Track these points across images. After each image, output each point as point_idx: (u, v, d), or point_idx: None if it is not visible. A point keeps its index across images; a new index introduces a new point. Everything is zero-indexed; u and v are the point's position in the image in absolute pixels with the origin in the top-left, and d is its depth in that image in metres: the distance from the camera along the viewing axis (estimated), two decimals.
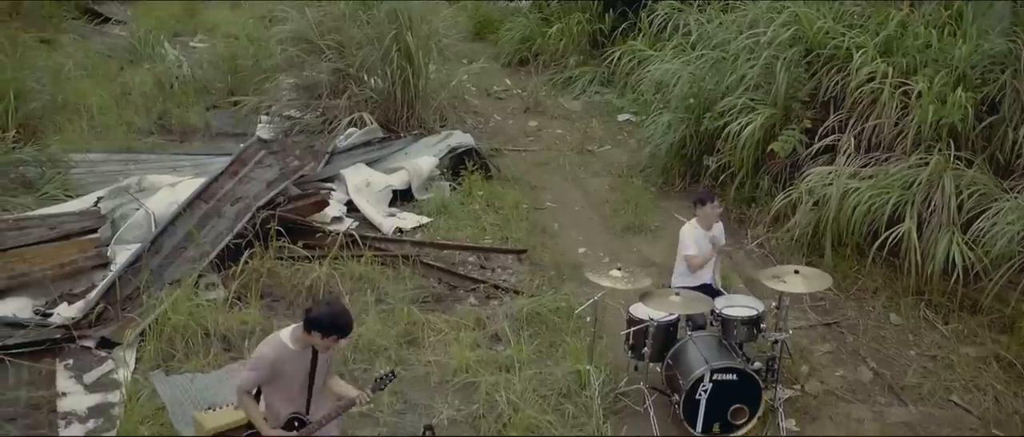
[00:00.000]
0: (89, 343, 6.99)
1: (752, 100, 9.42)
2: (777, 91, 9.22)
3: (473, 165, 10.19)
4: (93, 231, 8.38)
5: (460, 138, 10.65)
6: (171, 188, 8.78)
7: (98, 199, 8.88)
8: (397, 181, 9.84)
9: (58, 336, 7.00)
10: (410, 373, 6.74)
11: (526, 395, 6.36)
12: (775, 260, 8.47)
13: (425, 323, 7.30)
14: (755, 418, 6.20)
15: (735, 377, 6.09)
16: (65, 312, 7.30)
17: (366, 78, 11.34)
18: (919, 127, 8.16)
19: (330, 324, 4.64)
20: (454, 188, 10.04)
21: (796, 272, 6.34)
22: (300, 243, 8.22)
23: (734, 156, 9.38)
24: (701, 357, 6.18)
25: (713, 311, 6.46)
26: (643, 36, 12.33)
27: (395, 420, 6.29)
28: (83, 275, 7.87)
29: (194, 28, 16.15)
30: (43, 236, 8.18)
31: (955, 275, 7.38)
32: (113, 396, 6.48)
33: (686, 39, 11.00)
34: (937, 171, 7.85)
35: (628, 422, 6.29)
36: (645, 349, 6.35)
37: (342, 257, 8.08)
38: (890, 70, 8.52)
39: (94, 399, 6.47)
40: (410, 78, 11.01)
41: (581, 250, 9.03)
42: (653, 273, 7.51)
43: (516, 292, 7.95)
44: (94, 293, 7.40)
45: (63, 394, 6.49)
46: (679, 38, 11.17)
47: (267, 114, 11.79)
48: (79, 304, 7.37)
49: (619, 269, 6.54)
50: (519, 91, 13.71)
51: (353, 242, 8.34)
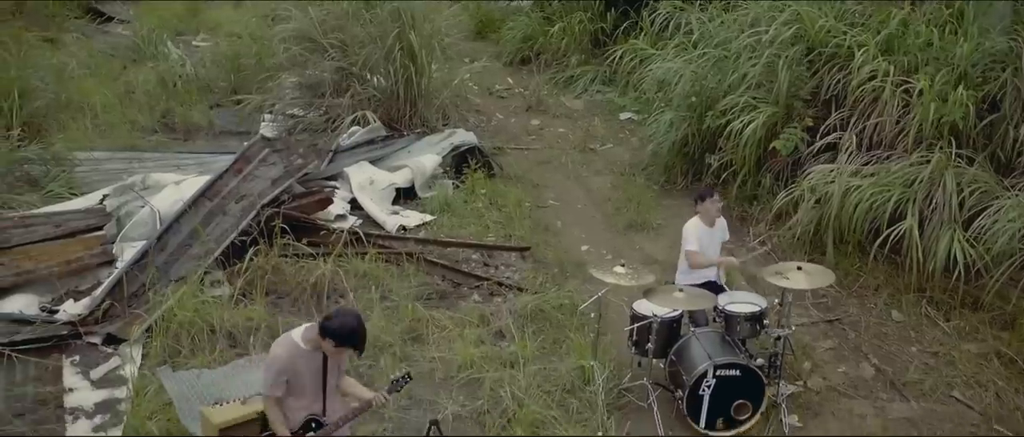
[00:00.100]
0: (95, 339, 7.03)
1: (754, 98, 9.45)
2: (779, 89, 9.25)
3: (476, 163, 10.21)
4: (98, 229, 8.42)
5: (463, 136, 10.67)
6: (176, 186, 8.80)
7: (103, 197, 8.91)
8: (400, 179, 9.86)
9: (65, 332, 7.05)
10: (415, 369, 6.70)
11: (530, 391, 6.40)
12: (777, 258, 8.51)
13: (429, 320, 7.34)
14: (758, 414, 6.26)
15: (738, 373, 6.13)
16: (71, 309, 7.34)
17: (369, 77, 11.32)
18: (920, 125, 8.19)
19: (346, 337, 4.68)
20: (457, 186, 10.06)
21: (799, 268, 6.38)
22: (304, 240, 8.25)
23: (736, 154, 9.41)
24: (704, 353, 6.22)
25: (716, 307, 6.50)
26: (645, 35, 12.34)
27: (400, 416, 6.33)
28: (89, 272, 7.91)
29: (196, 27, 16.12)
30: (48, 234, 8.23)
31: (956, 272, 7.43)
32: (120, 392, 6.52)
33: (688, 38, 11.02)
34: (938, 169, 7.88)
35: (632, 418, 6.33)
36: (649, 345, 6.39)
37: (346, 254, 8.11)
38: (891, 68, 8.55)
39: (101, 395, 6.51)
40: (413, 77, 11.00)
41: (584, 248, 9.06)
42: (656, 270, 7.56)
43: (519, 289, 7.99)
44: (100, 290, 7.45)
45: (70, 390, 6.54)
46: (681, 37, 11.19)
47: (270, 113, 11.77)
48: (85, 301, 7.42)
49: (623, 266, 6.58)
50: (521, 90, 13.71)
51: (357, 239, 8.36)
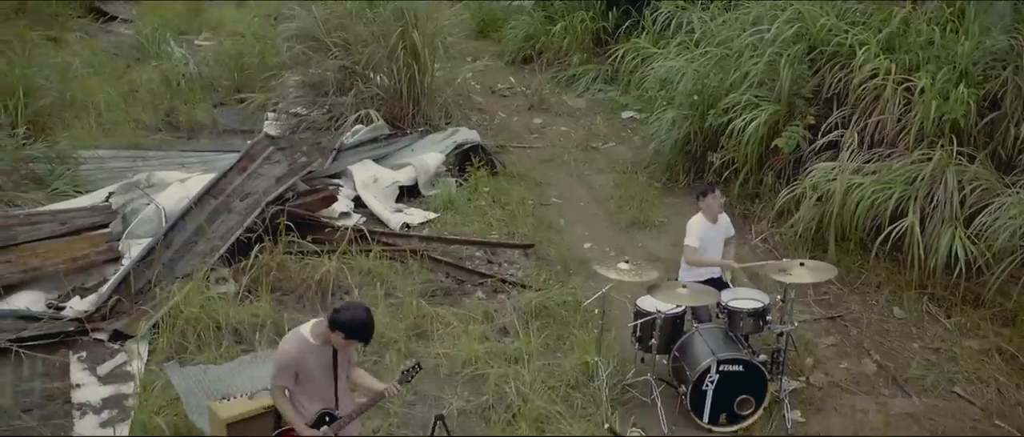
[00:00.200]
0: (102, 336, 7.07)
1: (756, 97, 9.49)
2: (781, 88, 9.29)
3: (479, 161, 10.25)
4: (104, 226, 8.45)
5: (466, 134, 10.70)
6: (181, 184, 8.84)
7: (109, 194, 8.96)
8: (404, 177, 9.91)
9: (71, 329, 7.09)
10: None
11: (535, 386, 6.45)
12: (779, 255, 8.56)
13: (434, 316, 7.39)
14: (761, 409, 6.30)
15: (741, 368, 6.17)
16: (77, 305, 7.39)
17: (372, 75, 11.35)
18: (922, 123, 8.23)
19: (354, 328, 4.73)
20: (460, 184, 10.10)
21: (801, 264, 6.42)
22: (309, 238, 8.29)
23: (738, 152, 9.45)
24: (708, 349, 6.26)
25: (719, 303, 6.55)
26: (646, 34, 12.38)
27: (405, 411, 6.37)
28: (95, 269, 7.95)
29: (199, 26, 16.17)
30: (54, 231, 8.25)
31: (957, 269, 7.47)
32: (127, 387, 6.57)
33: (690, 37, 11.07)
34: (940, 166, 7.92)
35: (635, 413, 6.37)
36: (652, 341, 6.44)
37: (351, 252, 8.15)
38: (893, 67, 8.58)
39: (108, 390, 6.55)
40: (416, 75, 11.05)
41: (587, 245, 9.10)
42: (659, 268, 7.57)
43: (523, 286, 8.03)
44: (106, 287, 7.49)
45: (77, 385, 6.58)
46: (683, 36, 11.25)
47: (273, 111, 11.82)
48: (91, 298, 7.46)
49: (626, 262, 6.62)
50: (523, 89, 13.75)
51: (361, 237, 8.40)
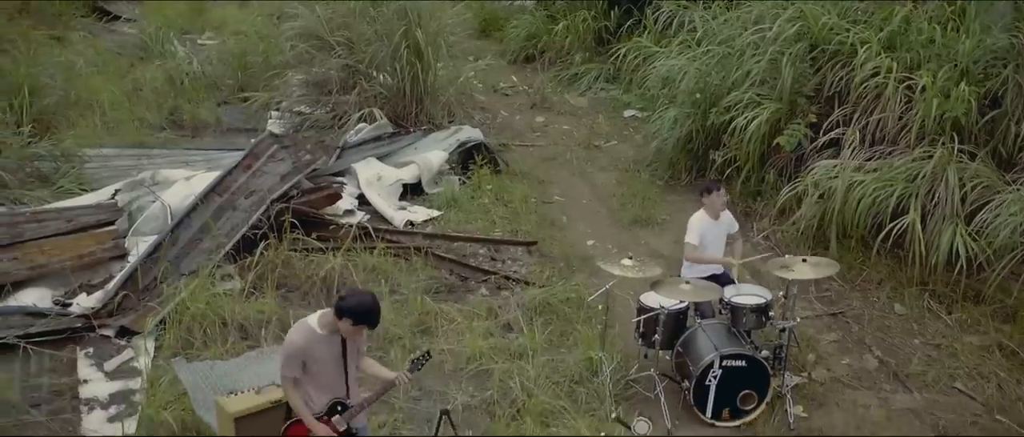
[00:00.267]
0: (108, 332, 7.12)
1: (758, 95, 9.54)
2: (783, 86, 9.34)
3: (482, 159, 10.29)
4: (109, 224, 8.50)
5: (469, 133, 10.74)
6: (186, 181, 8.90)
7: (115, 192, 9.01)
8: (407, 175, 9.95)
9: (78, 325, 7.14)
10: (421, 369, 6.82)
11: (539, 381, 6.49)
12: (781, 252, 8.59)
13: (438, 313, 7.43)
14: (764, 404, 6.35)
15: (744, 363, 6.22)
16: (84, 302, 7.44)
17: (375, 74, 11.41)
18: (923, 121, 8.27)
19: (361, 313, 4.73)
20: (463, 182, 10.15)
21: (804, 261, 6.46)
22: (314, 235, 8.34)
23: (740, 150, 9.50)
24: (711, 344, 6.31)
25: (722, 299, 6.59)
26: (648, 33, 12.42)
27: (410, 406, 6.41)
28: (101, 266, 8.01)
29: (202, 26, 16.23)
30: (60, 229, 8.32)
31: (958, 266, 7.52)
32: (134, 383, 6.62)
33: (692, 36, 11.12)
34: (941, 164, 7.96)
35: (639, 408, 6.40)
36: (655, 337, 6.46)
37: (355, 249, 8.20)
38: (894, 65, 8.62)
39: (115, 386, 6.61)
40: (419, 74, 11.10)
41: (589, 242, 9.15)
42: (661, 264, 7.59)
43: (526, 283, 8.07)
44: (113, 283, 7.55)
45: (84, 381, 6.64)
46: (684, 35, 11.30)
47: (277, 110, 11.87)
48: (98, 294, 7.51)
49: (630, 258, 6.67)
50: (525, 88, 13.81)
51: (366, 234, 8.45)
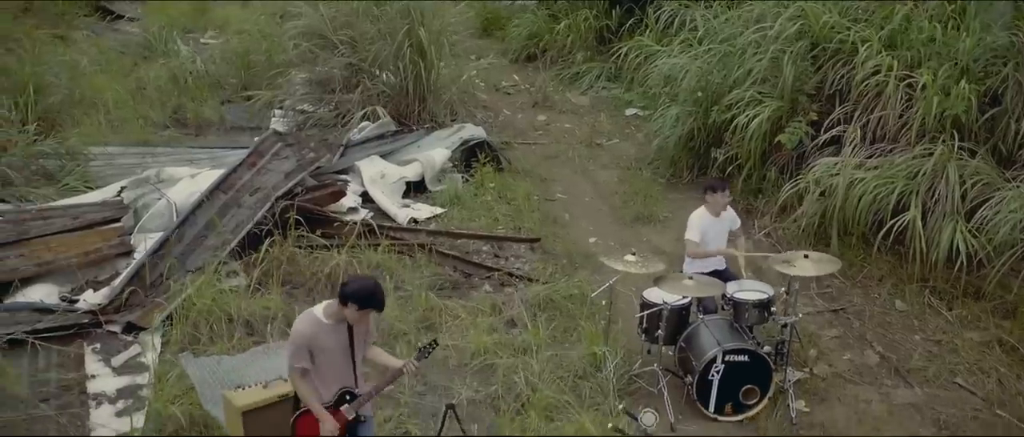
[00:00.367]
0: (115, 328, 7.18)
1: (759, 93, 9.59)
2: (784, 84, 9.39)
3: (485, 157, 10.34)
4: (115, 221, 8.56)
5: (472, 131, 10.78)
6: (191, 179, 8.95)
7: (121, 189, 9.07)
8: (411, 173, 10.00)
9: (85, 321, 7.20)
10: (430, 357, 6.81)
11: (543, 376, 6.54)
12: (782, 249, 8.62)
13: (442, 309, 7.48)
14: (766, 398, 6.40)
15: (747, 358, 6.28)
16: (91, 298, 7.49)
17: (378, 73, 11.45)
18: (923, 119, 8.32)
19: (365, 297, 4.76)
20: (466, 180, 10.19)
21: (805, 256, 6.52)
22: (318, 232, 8.39)
23: (741, 148, 9.55)
24: (713, 339, 6.37)
25: (725, 295, 6.65)
26: (650, 32, 12.47)
27: (416, 401, 6.46)
28: (107, 263, 8.07)
29: (204, 25, 16.28)
30: (66, 226, 8.38)
31: (959, 262, 7.57)
32: (141, 378, 6.67)
33: (693, 34, 11.18)
34: (941, 161, 8.01)
35: (643, 402, 6.44)
36: (659, 332, 6.52)
37: (359, 245, 8.25)
38: (895, 63, 8.68)
39: (123, 381, 6.66)
40: (422, 73, 11.15)
41: (592, 239, 9.20)
42: (664, 261, 7.65)
43: (530, 279, 8.12)
44: (119, 280, 7.59)
45: (92, 376, 6.69)
46: (686, 33, 11.36)
47: (280, 108, 11.92)
48: (104, 291, 7.56)
49: (633, 254, 6.73)
50: (527, 86, 13.86)
51: (370, 231, 8.50)
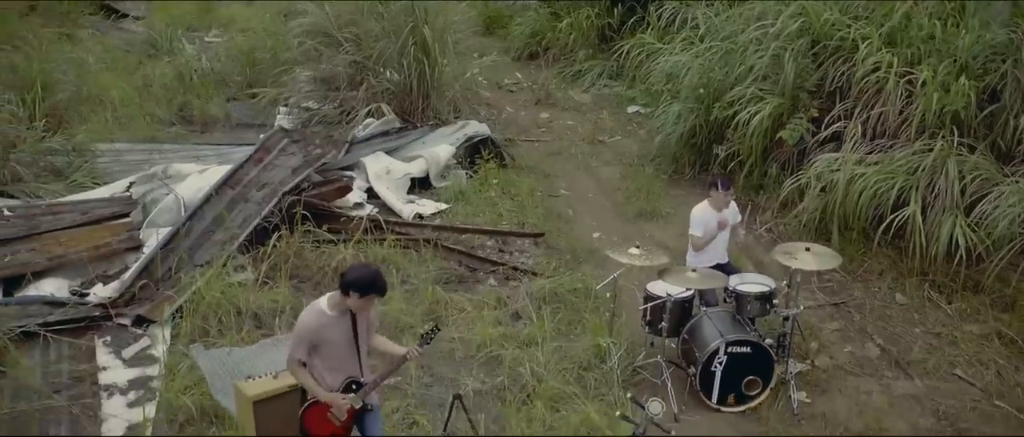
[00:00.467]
0: (125, 321, 7.28)
1: (760, 90, 9.67)
2: (785, 81, 9.47)
3: (488, 154, 10.43)
4: (123, 216, 8.66)
5: (476, 127, 10.87)
6: (199, 175, 9.05)
7: (130, 184, 9.17)
8: (415, 169, 10.09)
9: (96, 314, 7.30)
10: (436, 349, 6.98)
11: (549, 367, 6.63)
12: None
13: (448, 302, 7.58)
14: (768, 389, 6.50)
15: (749, 350, 6.37)
16: (101, 292, 7.60)
17: (383, 70, 11.54)
18: (923, 115, 8.41)
19: (367, 284, 4.83)
20: (470, 176, 10.28)
21: (807, 249, 6.61)
22: (325, 227, 8.48)
23: (743, 144, 9.63)
24: (716, 331, 6.46)
25: (727, 288, 6.74)
26: (652, 30, 12.56)
27: (422, 392, 6.56)
28: (116, 257, 8.17)
29: (209, 24, 16.37)
30: (76, 221, 8.48)
31: (958, 256, 7.66)
32: (151, 370, 6.78)
33: (694, 32, 11.26)
34: (941, 157, 8.10)
35: (647, 393, 6.52)
36: (662, 324, 6.62)
37: (366, 240, 8.36)
38: (895, 60, 8.76)
39: (133, 373, 6.77)
40: (426, 70, 11.23)
41: (595, 234, 9.29)
42: (667, 255, 7.75)
43: (534, 273, 8.22)
44: (129, 273, 7.68)
45: (104, 368, 6.80)
46: (688, 31, 11.44)
47: (285, 105, 12.00)
48: (114, 284, 7.66)
49: (637, 247, 6.82)
50: (530, 84, 13.95)
51: (376, 226, 8.60)
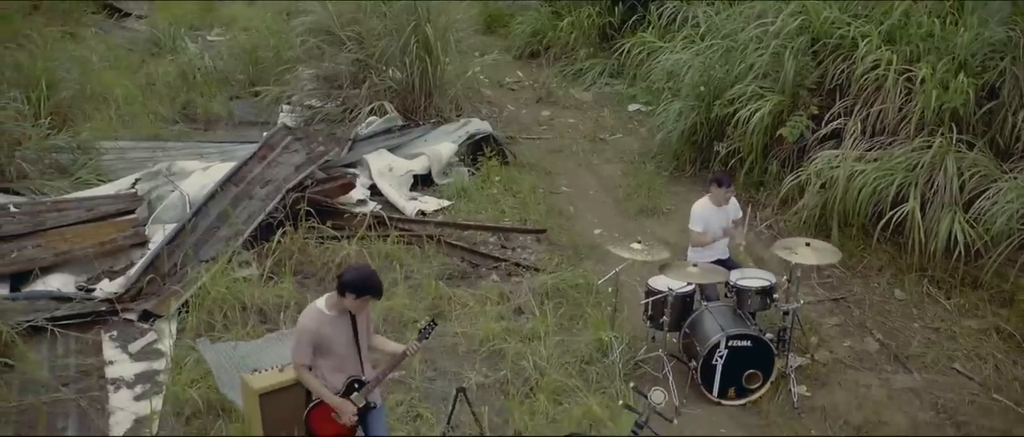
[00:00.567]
0: (131, 316, 7.35)
1: (761, 88, 9.74)
2: (785, 79, 9.54)
3: (490, 151, 10.50)
4: (129, 213, 8.73)
5: (478, 125, 10.94)
6: (203, 172, 9.12)
7: (136, 181, 9.23)
8: (418, 166, 10.15)
9: (103, 309, 7.37)
10: (439, 343, 7.05)
11: (551, 361, 6.70)
12: None
13: (451, 297, 7.65)
14: (768, 383, 6.57)
15: (750, 343, 6.44)
16: (107, 287, 7.66)
17: (385, 68, 11.60)
18: (922, 112, 8.47)
19: (362, 285, 4.89)
20: (472, 173, 10.35)
21: (807, 245, 6.67)
22: (328, 223, 8.55)
23: (743, 142, 9.70)
24: (717, 325, 6.53)
25: (728, 283, 6.81)
26: (652, 29, 12.62)
27: (426, 386, 6.63)
28: (122, 253, 8.24)
29: (211, 22, 16.43)
30: (81, 217, 8.55)
31: (957, 252, 7.73)
32: (158, 364, 6.84)
33: (695, 31, 11.33)
34: (940, 154, 8.16)
35: (648, 387, 6.58)
36: (663, 319, 6.70)
37: (369, 236, 8.43)
38: (894, 58, 8.83)
39: (140, 367, 6.83)
40: (428, 69, 11.29)
41: (597, 231, 9.36)
42: (668, 251, 7.81)
43: (536, 269, 8.28)
44: (135, 269, 7.75)
45: (110, 362, 6.85)
46: (688, 30, 11.51)
47: (288, 103, 12.06)
48: (120, 280, 7.73)
49: (639, 242, 6.89)
50: (531, 82, 14.01)
51: (379, 222, 8.66)
